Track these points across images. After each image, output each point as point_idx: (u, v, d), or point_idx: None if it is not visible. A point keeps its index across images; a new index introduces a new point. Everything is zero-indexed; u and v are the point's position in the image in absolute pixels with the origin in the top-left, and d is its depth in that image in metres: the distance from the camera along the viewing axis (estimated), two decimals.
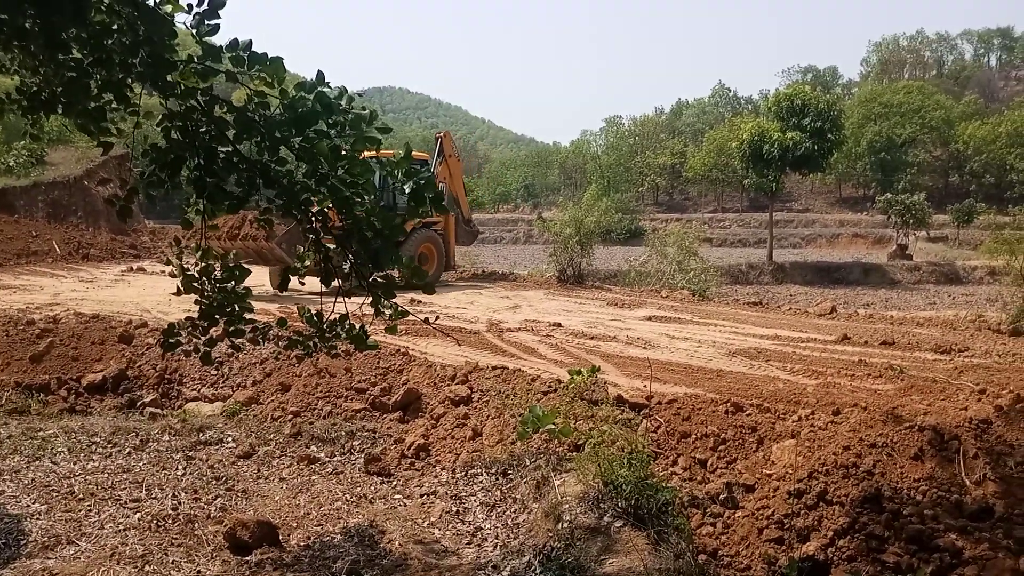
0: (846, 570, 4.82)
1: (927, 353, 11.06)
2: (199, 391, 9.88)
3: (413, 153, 15.25)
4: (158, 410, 9.34)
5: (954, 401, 7.50)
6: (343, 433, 8.15)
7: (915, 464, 5.48)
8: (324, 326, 4.05)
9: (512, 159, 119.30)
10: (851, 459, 5.57)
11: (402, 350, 9.92)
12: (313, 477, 7.25)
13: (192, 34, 3.23)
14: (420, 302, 14.53)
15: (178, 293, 3.98)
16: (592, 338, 12.00)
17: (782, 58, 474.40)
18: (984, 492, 5.22)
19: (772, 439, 6.47)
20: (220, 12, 3.21)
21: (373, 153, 14.48)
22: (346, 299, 3.99)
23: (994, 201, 68.94)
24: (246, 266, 4.03)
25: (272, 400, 9.12)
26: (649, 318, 14.69)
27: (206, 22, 3.24)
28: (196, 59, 3.28)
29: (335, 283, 4.07)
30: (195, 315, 4.07)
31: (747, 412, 7.02)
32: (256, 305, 4.43)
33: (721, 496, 5.86)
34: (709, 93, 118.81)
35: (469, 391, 8.41)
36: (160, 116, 3.44)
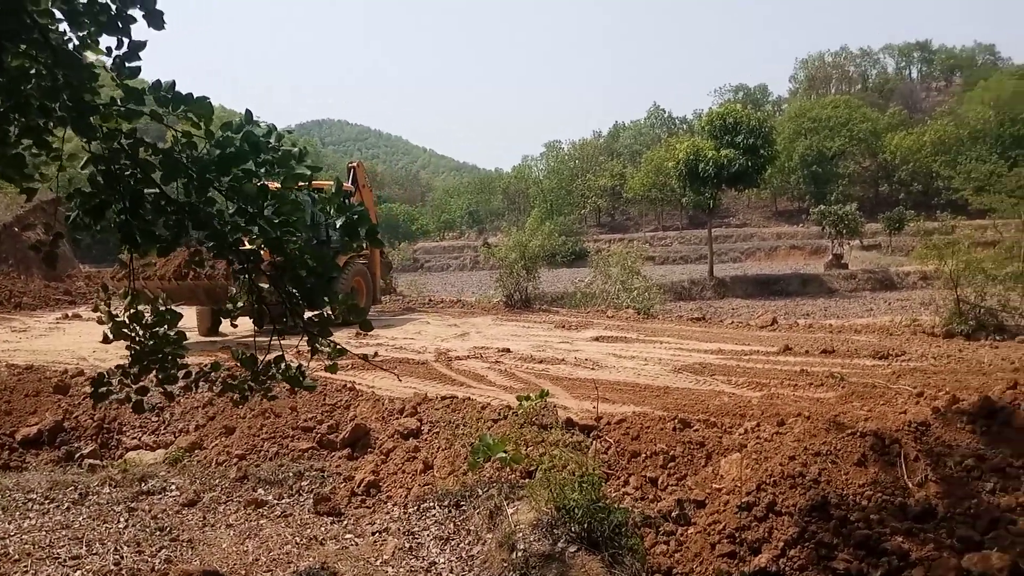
0: None
1: (866, 359, 11.33)
2: (140, 439, 9.59)
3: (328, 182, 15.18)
4: (97, 461, 9.02)
5: (893, 405, 7.68)
6: (291, 474, 7.97)
7: (859, 470, 5.58)
8: (259, 368, 3.97)
9: (455, 186, 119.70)
10: (797, 469, 5.65)
11: (348, 385, 9.79)
12: (261, 521, 7.08)
13: (112, 77, 3.17)
14: (365, 335, 14.39)
15: (105, 341, 3.85)
16: (541, 362, 12.03)
17: (714, 78, 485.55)
18: (927, 493, 5.32)
19: (720, 453, 6.54)
20: (141, 54, 3.17)
21: (317, 184, 14.34)
22: (280, 339, 3.93)
23: (923, 208, 71.29)
24: (177, 310, 3.94)
25: (216, 444, 8.90)
26: (596, 338, 14.79)
27: (127, 64, 3.18)
28: (119, 101, 3.22)
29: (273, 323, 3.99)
30: (127, 362, 3.96)
31: (695, 428, 7.09)
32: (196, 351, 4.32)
33: (673, 514, 5.87)
34: (645, 115, 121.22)
35: (419, 423, 8.32)
36: (84, 159, 3.36)
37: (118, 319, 3.83)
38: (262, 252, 3.62)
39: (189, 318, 13.27)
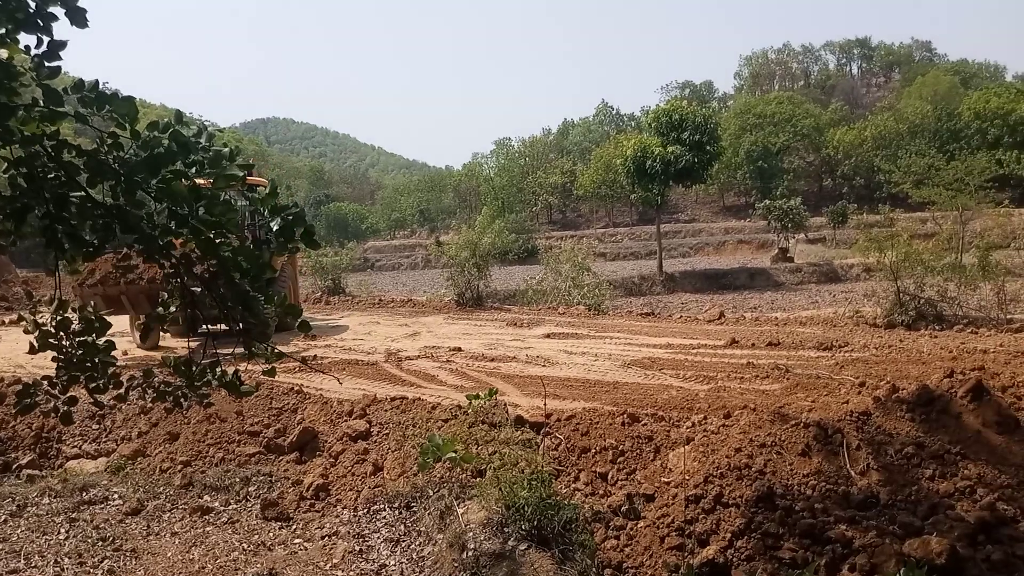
0: (744, 570, 4.92)
1: (810, 351, 11.54)
2: (81, 448, 9.33)
3: (249, 179, 14.48)
4: (36, 471, 8.78)
5: (836, 396, 7.82)
6: (237, 479, 7.84)
7: (803, 460, 5.67)
8: (194, 373, 3.86)
9: (405, 184, 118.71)
10: (743, 460, 5.71)
11: (295, 388, 9.65)
12: (207, 528, 6.95)
13: (31, 77, 3.05)
14: (315, 336, 14.22)
15: (32, 351, 3.71)
16: (492, 360, 12.01)
17: (661, 75, 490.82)
18: (868, 481, 5.43)
19: (668, 447, 6.59)
20: (62, 53, 3.05)
21: (251, 180, 13.88)
22: (215, 343, 3.83)
23: (865, 201, 72.88)
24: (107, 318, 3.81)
25: (160, 451, 8.70)
26: (548, 335, 14.82)
27: (46, 64, 3.06)
28: (40, 102, 3.09)
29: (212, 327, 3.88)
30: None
31: (643, 422, 7.13)
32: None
33: (623, 508, 5.89)
34: (593, 112, 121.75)
35: (368, 425, 8.24)
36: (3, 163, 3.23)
37: (45, 328, 3.70)
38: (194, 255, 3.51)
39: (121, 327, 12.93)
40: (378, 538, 6.42)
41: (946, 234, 25.31)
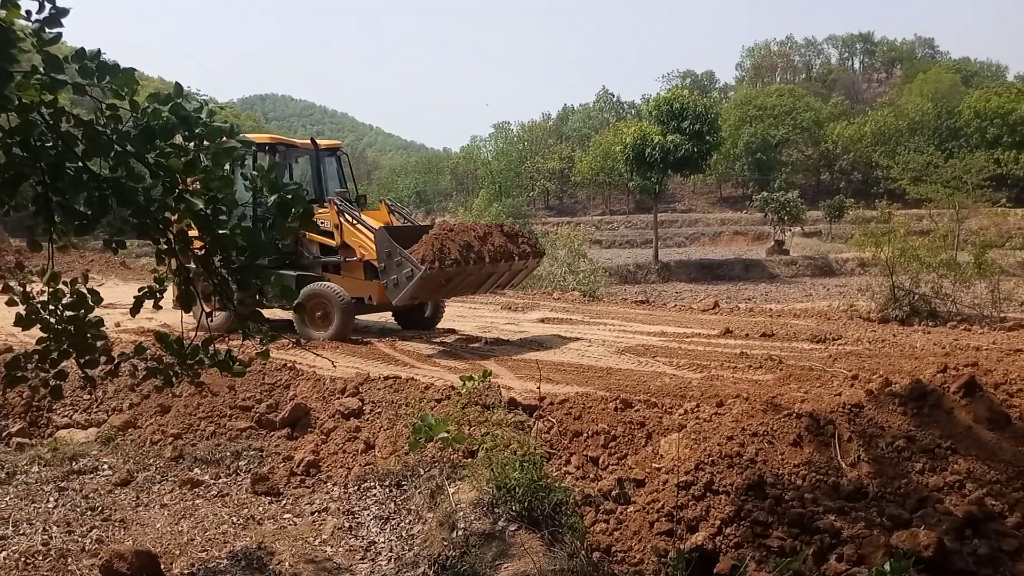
0: (732, 557, 4.95)
1: (804, 343, 11.57)
2: (71, 417, 9.31)
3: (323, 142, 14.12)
4: (26, 440, 8.76)
5: (829, 388, 7.84)
6: (228, 453, 7.83)
7: (794, 450, 5.69)
8: (186, 352, 3.81)
9: (403, 165, 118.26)
10: (735, 449, 5.72)
11: (288, 364, 9.63)
12: (197, 501, 6.95)
13: (32, 43, 2.98)
14: None
15: (18, 323, 3.64)
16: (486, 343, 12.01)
17: (663, 63, 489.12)
18: (859, 473, 5.45)
19: (660, 433, 6.60)
20: (63, 20, 2.99)
21: (334, 143, 13.14)
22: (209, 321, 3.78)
23: (862, 196, 72.99)
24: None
25: (151, 423, 8.69)
26: (542, 320, 14.84)
27: (47, 30, 3.00)
28: (40, 70, 3.03)
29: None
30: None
31: (636, 408, 7.14)
32: None
33: (613, 492, 5.91)
34: (594, 98, 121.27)
35: (360, 403, 8.23)
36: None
37: (34, 301, 3.63)
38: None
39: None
40: (368, 515, 6.43)
41: (942, 231, 25.37)
